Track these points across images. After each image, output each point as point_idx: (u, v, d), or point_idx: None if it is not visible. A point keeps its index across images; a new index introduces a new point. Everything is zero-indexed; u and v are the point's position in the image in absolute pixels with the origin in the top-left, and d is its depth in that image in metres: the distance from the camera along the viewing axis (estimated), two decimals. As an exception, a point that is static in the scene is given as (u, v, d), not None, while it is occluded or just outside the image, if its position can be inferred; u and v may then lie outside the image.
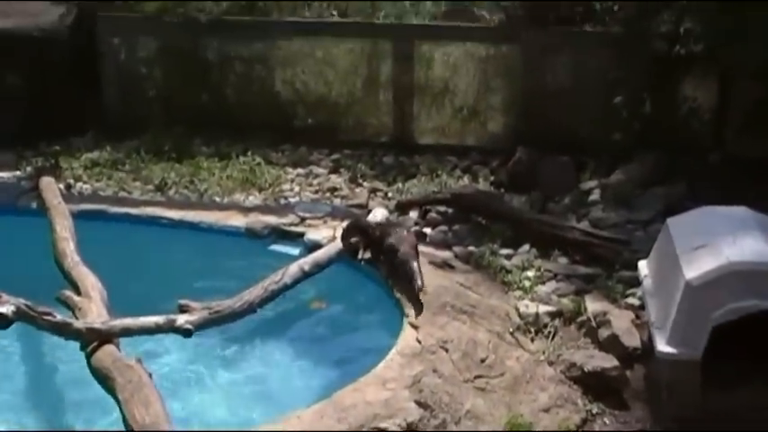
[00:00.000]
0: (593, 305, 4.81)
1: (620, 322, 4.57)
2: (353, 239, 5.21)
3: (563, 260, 5.46)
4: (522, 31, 7.33)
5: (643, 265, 4.69)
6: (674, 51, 6.08)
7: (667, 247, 4.29)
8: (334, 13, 8.17)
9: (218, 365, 4.56)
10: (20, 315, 3.82)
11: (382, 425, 3.63)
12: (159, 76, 8.22)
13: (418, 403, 3.79)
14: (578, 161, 6.88)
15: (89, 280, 4.65)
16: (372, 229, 5.27)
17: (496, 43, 7.54)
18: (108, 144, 7.64)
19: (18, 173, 7.15)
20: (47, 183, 6.30)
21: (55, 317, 3.98)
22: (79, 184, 6.92)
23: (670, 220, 4.52)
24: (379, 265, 5.14)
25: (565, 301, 4.94)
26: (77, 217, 5.68)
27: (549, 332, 4.68)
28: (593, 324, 4.62)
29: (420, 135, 7.73)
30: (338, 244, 5.28)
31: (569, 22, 7.30)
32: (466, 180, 6.93)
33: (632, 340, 4.46)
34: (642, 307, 4.69)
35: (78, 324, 4.07)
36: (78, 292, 4.55)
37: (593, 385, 4.20)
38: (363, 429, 3.59)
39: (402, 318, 4.57)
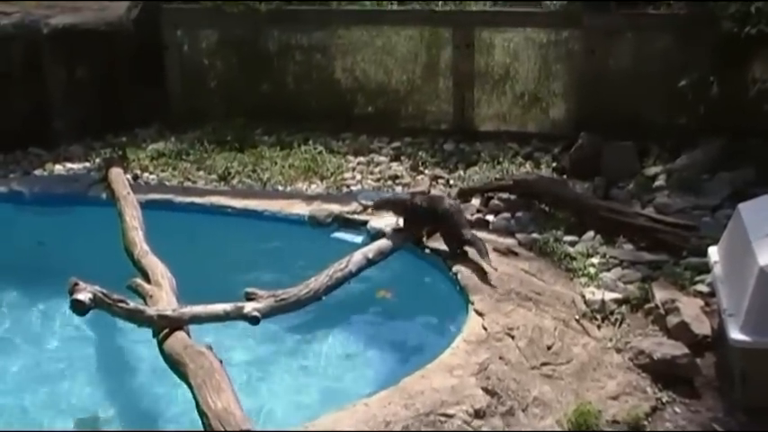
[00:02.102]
0: (660, 292, 4.72)
1: (690, 309, 4.47)
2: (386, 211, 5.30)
3: (628, 247, 5.37)
4: (583, 14, 7.21)
5: (713, 252, 4.58)
6: (743, 32, 5.88)
7: (739, 233, 4.18)
8: (394, 2, 8.15)
9: (285, 353, 4.60)
10: (96, 302, 3.90)
11: (449, 411, 3.61)
12: (221, 68, 8.34)
13: (485, 390, 3.77)
14: (642, 146, 6.75)
15: (158, 268, 4.71)
16: (410, 201, 5.30)
17: (557, 28, 7.43)
18: (172, 135, 7.78)
19: (88, 164, 7.35)
20: (115, 173, 6.43)
21: (128, 304, 4.05)
22: (146, 175, 7.05)
23: (741, 206, 4.41)
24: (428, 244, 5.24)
25: (631, 287, 4.86)
26: (145, 207, 5.78)
27: (616, 319, 4.61)
28: (662, 311, 4.53)
29: (480, 122, 7.69)
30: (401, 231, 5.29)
31: (632, 4, 7.13)
32: (528, 167, 6.87)
33: (702, 328, 4.36)
34: (712, 294, 4.58)
35: (150, 311, 4.14)
36: (148, 281, 4.62)
37: (663, 373, 4.12)
38: (430, 415, 3.58)
39: (467, 305, 4.54)
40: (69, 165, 7.38)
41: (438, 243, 5.27)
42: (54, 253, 5.71)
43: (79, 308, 3.88)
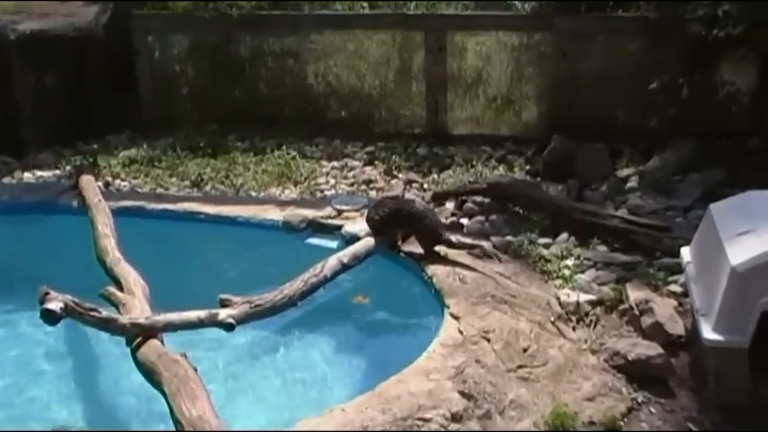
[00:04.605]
0: (634, 293, 4.75)
1: (663, 310, 4.50)
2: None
3: (602, 248, 5.41)
4: (554, 17, 7.26)
5: (686, 252, 4.62)
6: (711, 34, 5.95)
7: (711, 234, 4.22)
8: (365, 5, 8.15)
9: (261, 360, 4.58)
10: (68, 311, 3.87)
11: (426, 415, 3.62)
12: (193, 73, 8.30)
13: (462, 394, 3.78)
14: (614, 148, 6.81)
15: (131, 276, 4.68)
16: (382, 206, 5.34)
17: (529, 31, 7.48)
18: (144, 142, 7.72)
19: (58, 171, 7.26)
20: (86, 181, 6.37)
21: (101, 313, 4.02)
22: (117, 182, 6.99)
23: (713, 206, 4.45)
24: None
25: (605, 289, 4.88)
26: (117, 214, 5.73)
27: (591, 321, 4.63)
28: (636, 312, 4.56)
29: (454, 125, 7.72)
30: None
31: (603, 7, 7.20)
32: (501, 170, 6.89)
33: (676, 328, 4.39)
34: (685, 294, 4.62)
35: (123, 320, 4.11)
36: (121, 289, 4.58)
37: (638, 374, 4.14)
38: (408, 420, 3.58)
39: (443, 308, 4.56)
40: (39, 172, 7.28)
41: (414, 246, 5.30)
42: (24, 262, 5.64)
43: (50, 317, 3.83)
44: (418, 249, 5.26)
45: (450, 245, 5.18)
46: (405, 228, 5.29)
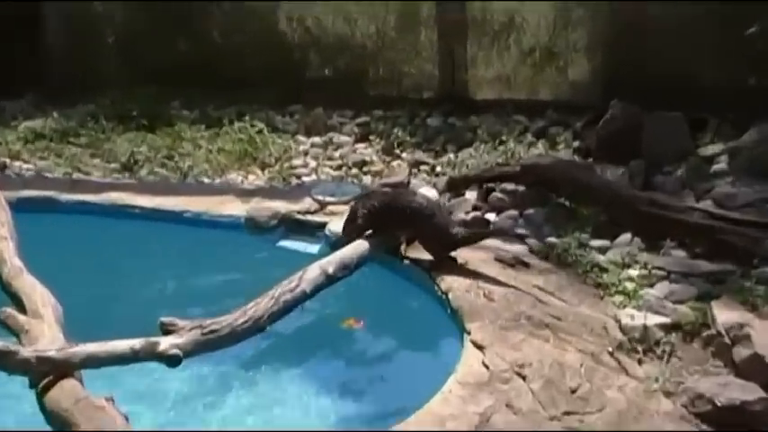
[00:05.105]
0: (723, 314, 4.74)
1: (765, 337, 4.49)
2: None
3: (679, 253, 5.42)
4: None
5: (794, 259, 4.62)
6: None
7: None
8: None
9: (218, 404, 4.56)
10: (-52, 341, 3.85)
11: (441, 483, 3.62)
12: (121, 19, 8.28)
13: (489, 451, 3.78)
14: (695, 118, 6.82)
15: (37, 293, 4.66)
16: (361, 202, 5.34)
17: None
18: (53, 109, 7.73)
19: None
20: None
21: (-6, 343, 4.00)
22: (17, 164, 7.01)
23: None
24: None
25: (683, 308, 4.89)
26: (17, 208, 5.71)
27: (664, 351, 4.63)
28: (726, 340, 4.55)
29: (476, 88, 7.73)
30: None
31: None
32: (540, 147, 6.91)
33: (781, 362, 4.38)
34: (795, 316, 4.62)
35: (26, 352, 4.07)
36: (23, 310, 4.56)
37: (730, 424, 4.13)
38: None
39: (462, 334, 4.56)
40: None
41: (421, 252, 5.31)
42: None
43: None
44: (428, 255, 5.26)
45: (467, 242, 5.16)
46: (401, 229, 5.28)
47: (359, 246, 5.23)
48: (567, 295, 5.06)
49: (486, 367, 4.26)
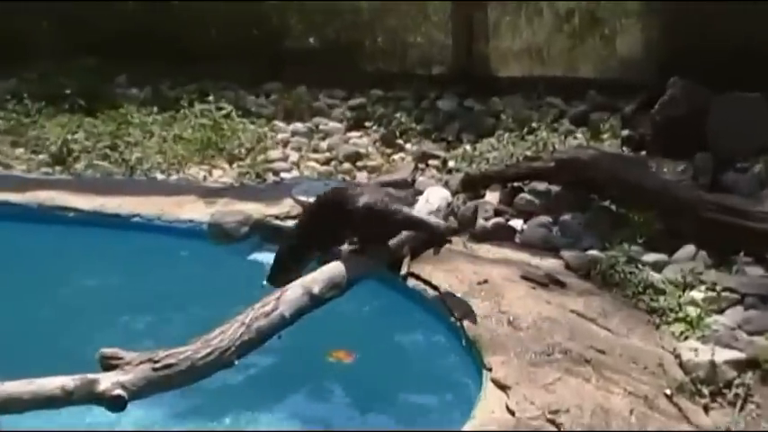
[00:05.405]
0: (814, 349, 4.70)
1: None
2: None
3: (755, 271, 5.37)
4: None
5: None
6: None
7: None
8: None
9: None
10: None
11: None
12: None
13: None
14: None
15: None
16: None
17: None
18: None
19: None
20: None
21: None
22: None
23: None
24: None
25: (762, 341, 4.83)
26: None
27: (737, 395, 4.57)
28: (817, 382, 4.52)
29: (500, 63, 7.69)
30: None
31: None
32: (580, 137, 6.89)
33: None
34: None
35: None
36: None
37: (819, 487, 4.10)
38: None
39: (480, 371, 4.51)
40: None
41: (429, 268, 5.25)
42: None
43: None
44: (437, 272, 5.23)
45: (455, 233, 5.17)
46: (347, 233, 5.16)
47: (352, 260, 5.17)
48: (614, 323, 5.01)
49: (512, 413, 4.18)
